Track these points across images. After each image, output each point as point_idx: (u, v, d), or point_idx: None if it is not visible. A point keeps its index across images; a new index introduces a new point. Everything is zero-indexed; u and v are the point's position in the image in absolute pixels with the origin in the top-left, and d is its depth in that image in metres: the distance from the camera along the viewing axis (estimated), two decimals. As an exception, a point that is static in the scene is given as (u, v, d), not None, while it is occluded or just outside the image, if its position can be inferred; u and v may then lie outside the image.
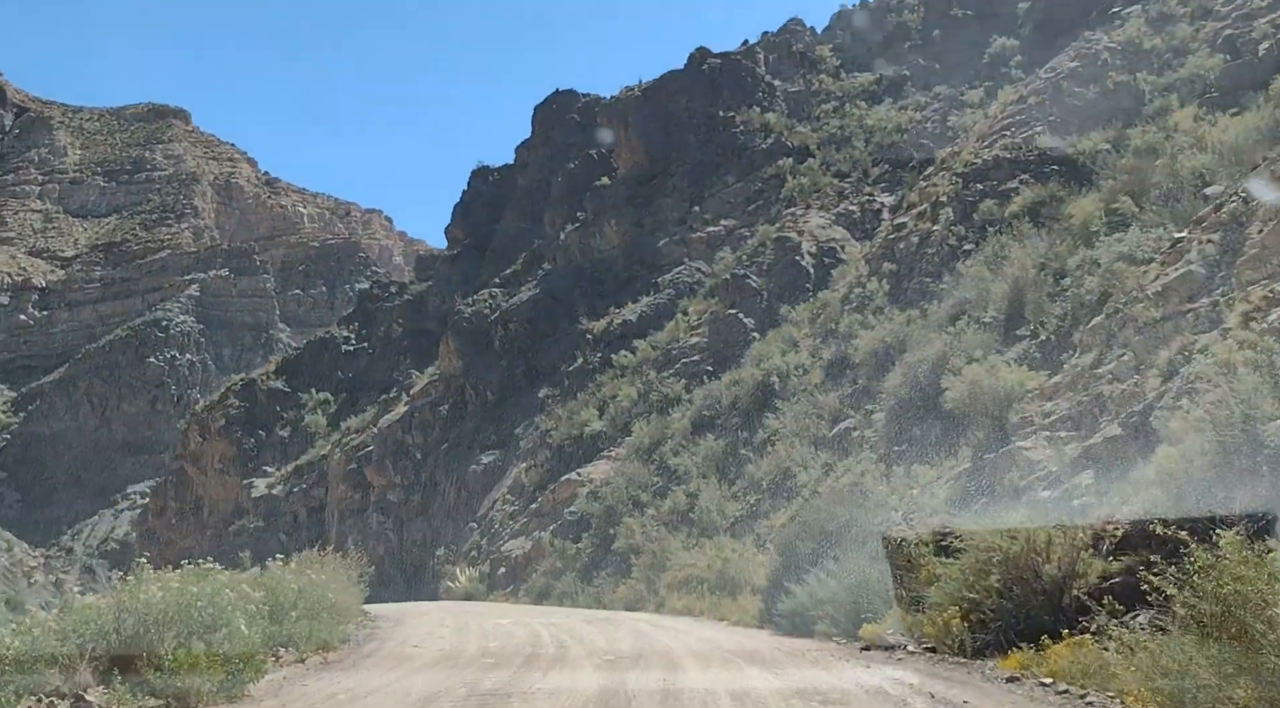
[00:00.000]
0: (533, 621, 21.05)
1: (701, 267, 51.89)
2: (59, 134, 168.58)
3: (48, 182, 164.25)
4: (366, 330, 70.31)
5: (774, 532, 24.13)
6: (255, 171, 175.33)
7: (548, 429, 45.63)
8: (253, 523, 61.51)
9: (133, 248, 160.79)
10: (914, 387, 22.75)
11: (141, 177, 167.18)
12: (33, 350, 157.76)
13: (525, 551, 38.87)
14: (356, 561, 28.49)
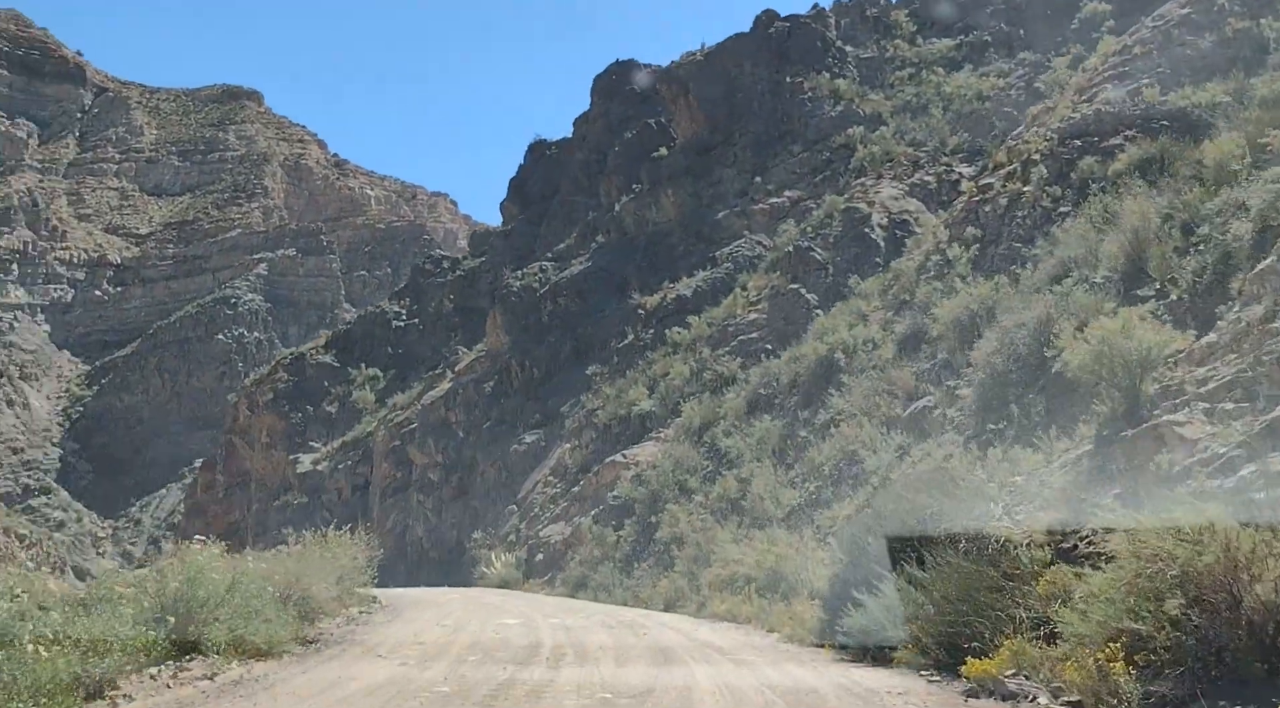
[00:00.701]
0: (545, 622, 17.46)
1: (762, 240, 47.88)
2: (136, 114, 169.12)
3: (124, 160, 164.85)
4: (417, 306, 67.37)
5: (837, 525, 20.21)
6: (324, 153, 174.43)
7: (594, 408, 42.06)
8: (297, 499, 58.98)
9: (204, 226, 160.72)
10: (1011, 356, 18.64)
11: (214, 157, 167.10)
12: (107, 325, 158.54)
13: (564, 537, 35.37)
14: (366, 543, 25.31)
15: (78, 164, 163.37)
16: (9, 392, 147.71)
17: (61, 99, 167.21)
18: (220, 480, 65.77)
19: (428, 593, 30.59)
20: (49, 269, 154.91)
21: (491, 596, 28.79)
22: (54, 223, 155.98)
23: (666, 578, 25.39)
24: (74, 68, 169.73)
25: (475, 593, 30.65)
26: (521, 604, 23.58)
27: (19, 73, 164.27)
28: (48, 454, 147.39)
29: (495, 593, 30.75)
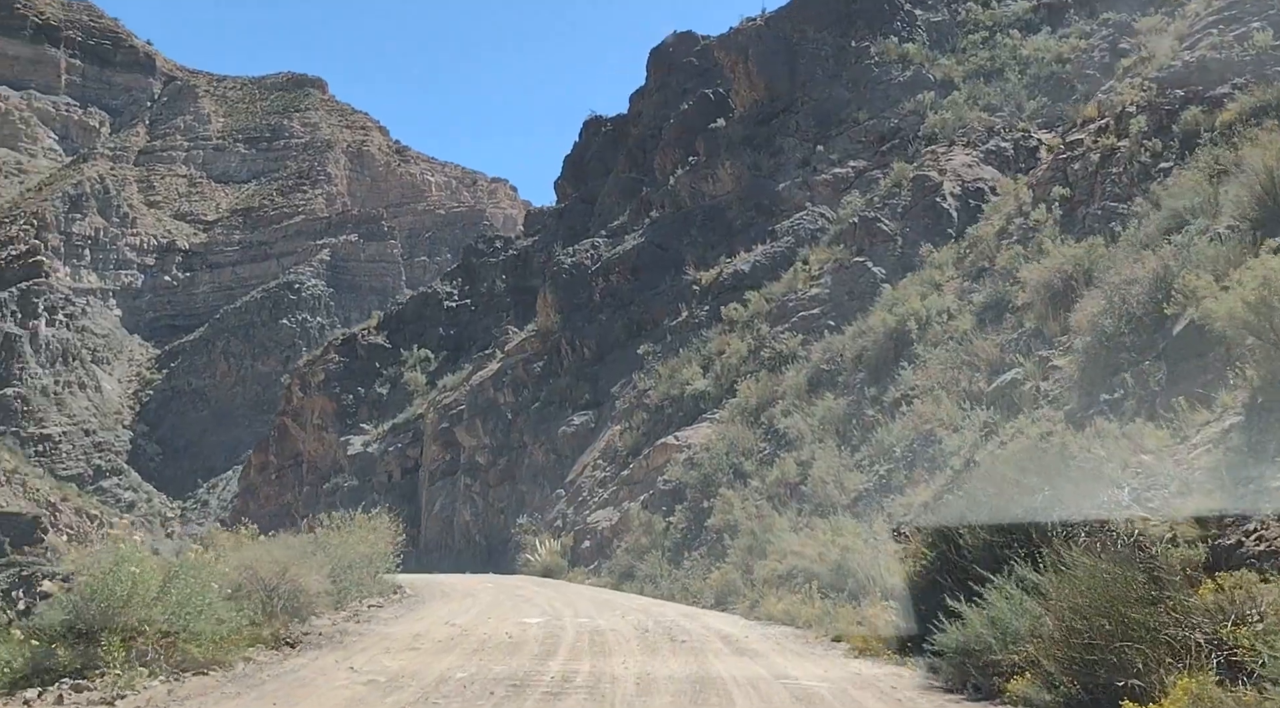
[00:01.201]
0: (572, 623, 14.95)
1: (825, 212, 44.80)
2: (204, 102, 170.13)
3: (193, 148, 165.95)
4: (470, 287, 65.34)
5: (912, 512, 17.40)
6: (386, 140, 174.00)
7: (646, 388, 39.48)
8: (347, 481, 57.37)
9: (269, 213, 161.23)
10: (1123, 316, 15.65)
11: (279, 144, 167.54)
12: (176, 310, 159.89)
13: (612, 523, 32.88)
14: (392, 528, 23.12)
15: (148, 152, 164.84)
16: (81, 375, 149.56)
17: (132, 88, 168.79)
18: (273, 462, 64.52)
19: (463, 582, 28.36)
20: (120, 255, 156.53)
21: (529, 586, 26.41)
22: (125, 210, 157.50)
23: (718, 569, 22.79)
24: (144, 57, 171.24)
25: (513, 583, 28.32)
26: (556, 597, 21.13)
27: (91, 62, 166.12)
28: (119, 436, 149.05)
29: (534, 583, 28.39)
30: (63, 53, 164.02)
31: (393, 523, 24.49)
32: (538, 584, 27.24)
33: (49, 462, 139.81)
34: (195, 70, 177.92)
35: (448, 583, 26.97)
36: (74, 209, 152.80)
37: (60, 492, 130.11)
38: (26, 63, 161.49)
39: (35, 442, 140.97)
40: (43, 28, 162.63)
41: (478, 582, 28.16)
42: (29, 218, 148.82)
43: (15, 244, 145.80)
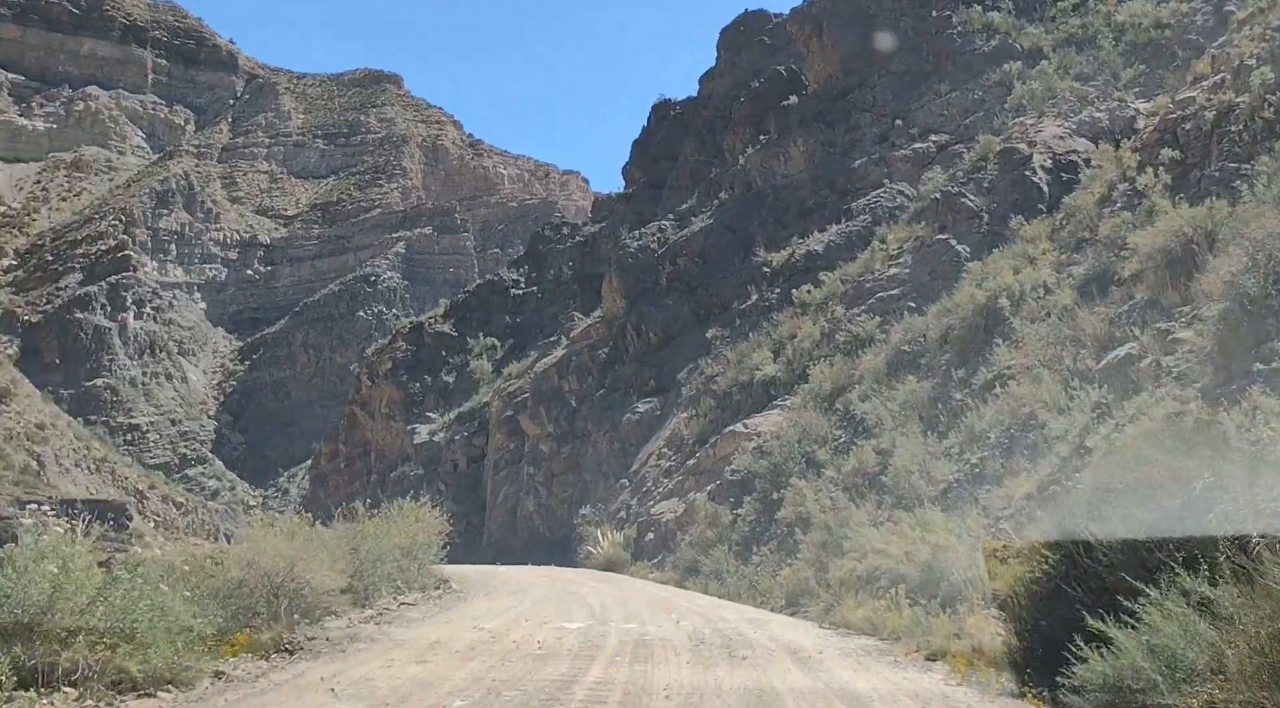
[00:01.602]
0: (617, 629, 12.91)
1: (904, 189, 42.08)
2: (284, 99, 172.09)
3: (274, 144, 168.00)
4: (536, 274, 63.79)
5: (1013, 505, 15.03)
6: (460, 134, 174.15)
7: (714, 374, 37.32)
8: (413, 470, 56.26)
9: (347, 207, 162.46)
10: (1270, 276, 13.08)
11: (357, 139, 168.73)
12: (258, 303, 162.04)
13: (676, 515, 30.82)
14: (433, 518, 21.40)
15: (230, 148, 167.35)
16: (168, 367, 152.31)
17: (215, 86, 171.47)
18: (342, 451, 63.82)
19: (517, 575, 26.57)
20: (205, 249, 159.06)
21: (585, 581, 24.48)
22: (209, 205, 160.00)
23: (789, 566, 20.58)
24: (227, 56, 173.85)
25: (570, 577, 26.44)
26: (610, 595, 19.14)
27: (177, 62, 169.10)
28: (204, 426, 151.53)
29: (593, 578, 26.47)
30: (149, 53, 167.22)
31: (436, 512, 22.78)
32: (596, 579, 25.32)
33: (137, 450, 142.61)
34: (276, 68, 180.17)
35: (501, 576, 25.23)
36: (160, 205, 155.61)
37: (148, 480, 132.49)
38: (115, 63, 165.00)
39: (124, 431, 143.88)
40: (130, 29, 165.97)
41: (533, 575, 26.38)
42: (118, 214, 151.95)
43: (105, 239, 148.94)
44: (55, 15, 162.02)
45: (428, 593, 17.82)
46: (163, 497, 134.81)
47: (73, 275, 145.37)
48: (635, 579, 26.78)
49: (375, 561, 15.53)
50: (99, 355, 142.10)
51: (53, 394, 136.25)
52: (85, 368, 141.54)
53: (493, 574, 25.71)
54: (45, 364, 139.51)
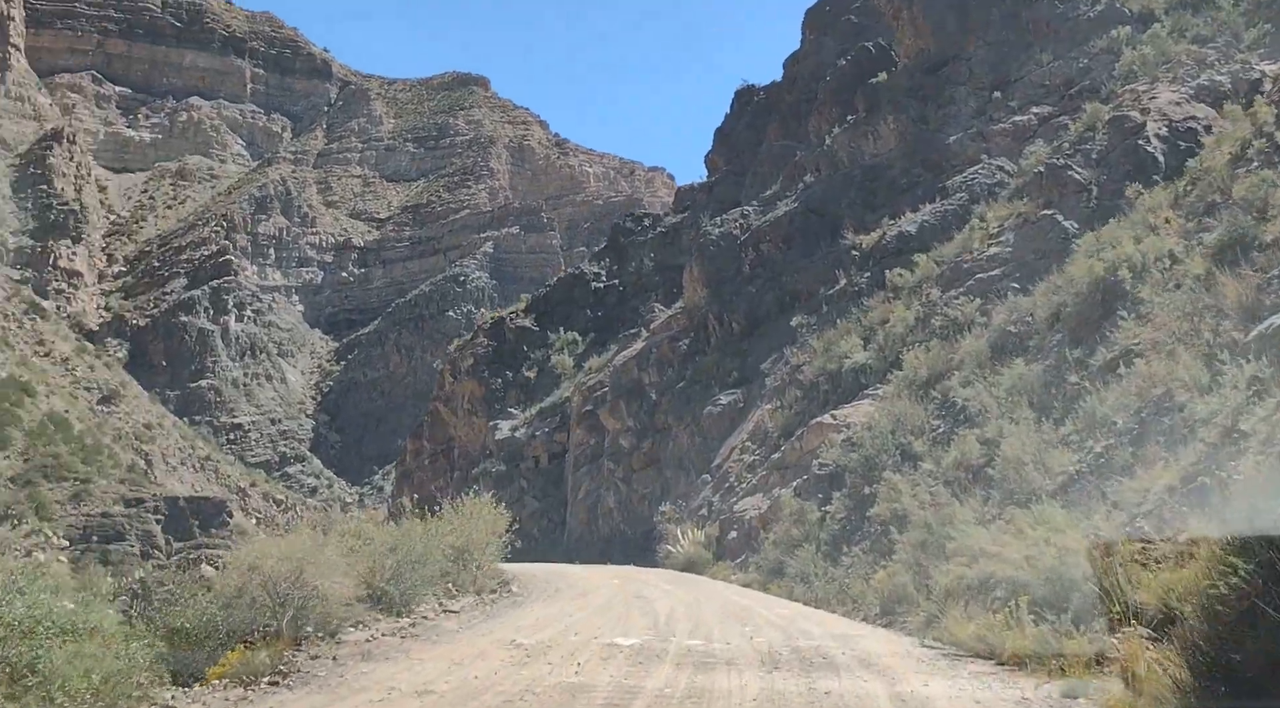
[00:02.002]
0: (680, 645, 10.86)
1: (1004, 164, 39.05)
2: (376, 105, 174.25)
3: (366, 149, 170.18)
4: (618, 267, 62.05)
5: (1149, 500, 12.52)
6: (546, 133, 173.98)
7: (799, 364, 34.96)
8: (495, 467, 55.03)
9: (436, 209, 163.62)
10: None
11: (445, 142, 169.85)
12: (352, 304, 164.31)
13: (760, 512, 28.60)
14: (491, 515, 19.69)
15: (325, 154, 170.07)
16: (268, 367, 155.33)
17: (310, 94, 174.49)
18: (426, 448, 63.05)
19: (589, 576, 24.73)
20: (301, 253, 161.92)
21: (659, 583, 22.47)
22: (305, 210, 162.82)
23: (883, 569, 18.28)
24: (321, 64, 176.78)
25: (645, 578, 24.48)
26: (682, 601, 17.11)
27: (273, 71, 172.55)
28: (302, 425, 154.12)
29: (668, 579, 24.46)
30: (248, 63, 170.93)
31: (500, 508, 21.07)
32: (670, 581, 23.30)
33: (239, 449, 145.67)
34: (368, 74, 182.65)
35: (570, 578, 23.44)
36: (259, 210, 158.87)
37: (249, 478, 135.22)
38: (215, 74, 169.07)
39: (227, 431, 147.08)
40: (229, 40, 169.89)
41: (604, 576, 24.52)
42: (219, 220, 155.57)
43: (207, 245, 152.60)
44: (159, 29, 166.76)
45: (482, 597, 16.10)
46: (264, 494, 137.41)
47: (178, 280, 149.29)
48: (714, 581, 24.69)
49: (415, 563, 13.78)
50: (203, 357, 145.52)
51: (160, 395, 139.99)
52: (190, 369, 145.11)
53: (561, 575, 23.96)
54: (153, 366, 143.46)
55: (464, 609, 14.00)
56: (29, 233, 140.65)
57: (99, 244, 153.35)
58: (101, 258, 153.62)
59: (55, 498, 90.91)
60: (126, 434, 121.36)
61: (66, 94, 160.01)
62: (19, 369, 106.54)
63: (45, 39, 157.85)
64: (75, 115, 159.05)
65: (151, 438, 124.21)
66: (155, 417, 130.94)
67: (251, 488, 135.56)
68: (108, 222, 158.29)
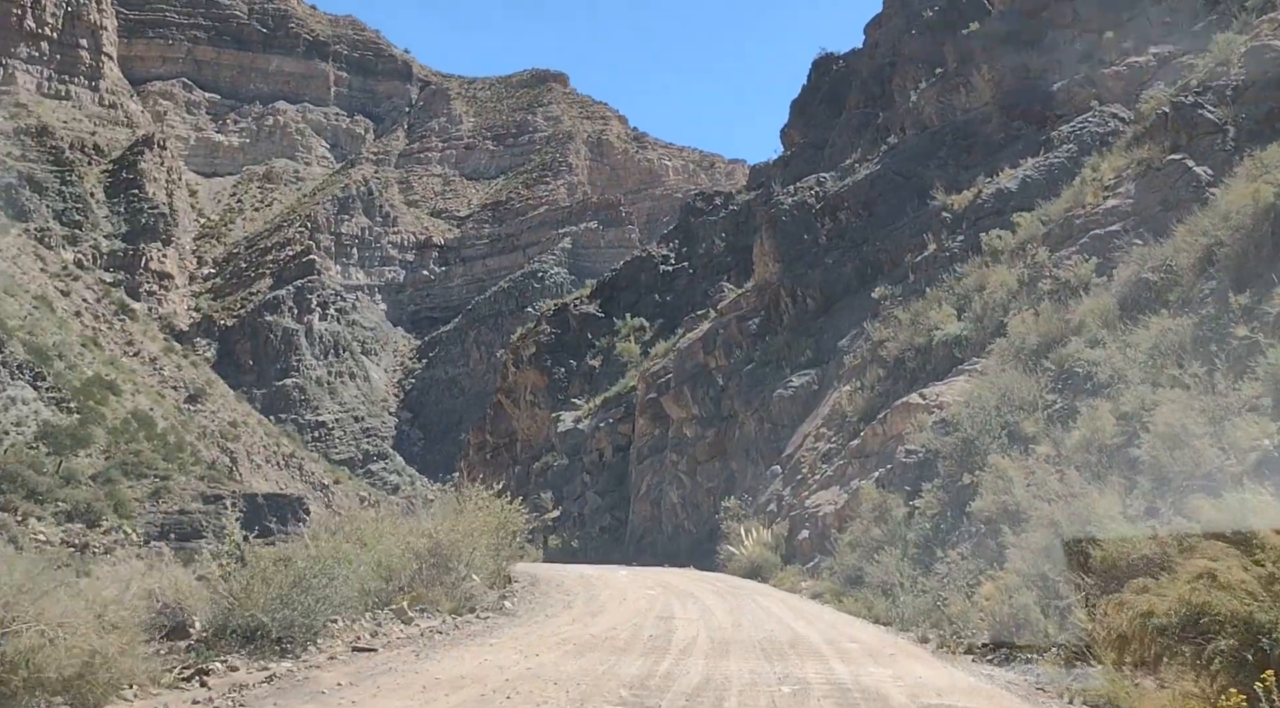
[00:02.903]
0: None
1: (1118, 111, 33.65)
2: (455, 104, 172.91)
3: (446, 148, 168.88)
4: (687, 249, 57.67)
5: None
6: (625, 128, 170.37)
7: (882, 339, 30.18)
8: (557, 460, 51.24)
9: (515, 206, 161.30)
10: None
11: (524, 139, 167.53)
12: (434, 303, 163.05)
13: (836, 507, 24.02)
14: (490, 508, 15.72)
15: (406, 154, 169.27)
16: (352, 366, 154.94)
17: (392, 95, 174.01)
18: (489, 441, 59.61)
19: (621, 583, 20.51)
20: (383, 252, 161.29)
21: (701, 595, 18.11)
22: (387, 209, 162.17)
23: (991, 580, 13.71)
24: (402, 65, 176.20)
25: (689, 588, 20.13)
26: (718, 624, 12.80)
27: (356, 73, 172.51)
28: (385, 423, 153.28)
29: (720, 588, 20.08)
30: (331, 66, 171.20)
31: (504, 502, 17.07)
32: (720, 592, 18.93)
33: (324, 447, 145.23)
34: (448, 74, 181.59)
35: (603, 585, 19.32)
36: (342, 211, 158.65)
37: (333, 475, 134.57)
38: (300, 78, 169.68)
39: (312, 428, 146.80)
40: (314, 44, 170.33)
41: (645, 584, 20.32)
42: (303, 221, 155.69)
43: (292, 245, 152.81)
44: (246, 35, 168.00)
45: (453, 619, 12.07)
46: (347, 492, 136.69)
47: (264, 281, 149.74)
48: (777, 591, 20.26)
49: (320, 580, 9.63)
50: (288, 356, 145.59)
51: (246, 394, 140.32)
52: (276, 368, 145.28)
53: (592, 583, 19.86)
54: (240, 365, 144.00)
55: (389, 645, 9.87)
56: (121, 237, 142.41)
57: (190, 247, 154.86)
58: (192, 260, 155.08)
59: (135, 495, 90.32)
60: (212, 432, 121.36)
61: (158, 101, 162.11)
62: (106, 369, 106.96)
63: (138, 48, 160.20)
64: (167, 122, 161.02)
65: (236, 436, 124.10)
66: (241, 415, 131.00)
67: (335, 485, 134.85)
68: (198, 225, 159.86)
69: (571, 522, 46.92)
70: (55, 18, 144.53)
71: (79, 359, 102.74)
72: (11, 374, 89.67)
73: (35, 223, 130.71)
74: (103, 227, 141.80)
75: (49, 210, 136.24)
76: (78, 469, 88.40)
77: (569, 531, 45.70)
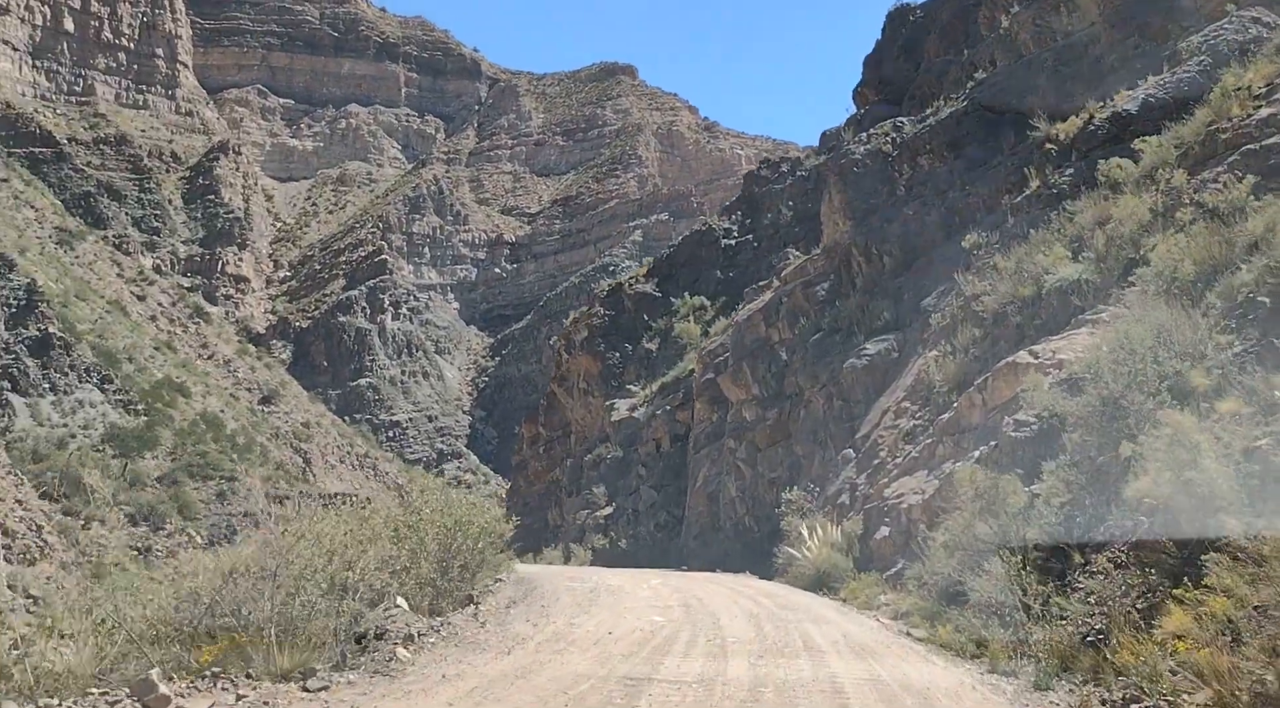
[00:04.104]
0: None
1: (1260, 15, 27.23)
2: (525, 101, 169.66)
3: (516, 145, 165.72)
4: (751, 220, 52.15)
5: None
6: (695, 118, 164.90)
7: (977, 293, 24.44)
8: (610, 452, 46.31)
9: (586, 200, 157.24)
10: None
11: (594, 133, 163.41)
12: (505, 300, 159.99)
13: (924, 497, 18.47)
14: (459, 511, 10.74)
15: (476, 153, 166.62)
16: (425, 365, 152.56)
17: (461, 94, 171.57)
18: (542, 434, 54.98)
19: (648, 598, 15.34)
20: (455, 251, 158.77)
21: (730, 621, 12.84)
22: (458, 208, 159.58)
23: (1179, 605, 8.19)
24: (471, 63, 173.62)
25: (722, 608, 14.86)
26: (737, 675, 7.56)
27: (426, 73, 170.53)
28: (459, 422, 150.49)
29: (768, 608, 14.78)
30: (401, 67, 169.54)
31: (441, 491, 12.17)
32: (758, 617, 13.60)
33: (398, 446, 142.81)
34: (516, 71, 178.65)
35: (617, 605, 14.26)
36: (414, 211, 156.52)
37: (407, 474, 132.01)
38: (372, 80, 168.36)
39: (386, 428, 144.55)
40: (384, 47, 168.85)
41: (667, 601, 15.20)
42: (375, 222, 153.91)
43: (364, 246, 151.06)
44: (318, 40, 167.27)
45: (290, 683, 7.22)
46: (420, 490, 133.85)
47: (337, 282, 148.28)
48: (846, 613, 14.90)
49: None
50: (361, 356, 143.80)
51: (321, 395, 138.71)
52: (350, 369, 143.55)
53: (594, 599, 14.85)
54: (315, 366, 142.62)
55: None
56: (198, 242, 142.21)
57: (266, 251, 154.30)
58: (268, 264, 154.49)
59: (200, 497, 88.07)
60: (285, 433, 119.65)
61: (234, 108, 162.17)
62: (177, 371, 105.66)
63: (213, 56, 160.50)
64: (243, 128, 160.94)
65: (310, 437, 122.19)
66: (314, 415, 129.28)
67: (409, 485, 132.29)
68: (274, 229, 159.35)
69: (625, 519, 41.90)
70: (131, 28, 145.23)
71: (149, 362, 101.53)
72: (80, 377, 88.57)
73: (114, 230, 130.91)
74: (180, 232, 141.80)
75: (128, 217, 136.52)
76: (143, 472, 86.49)
77: (621, 529, 40.69)
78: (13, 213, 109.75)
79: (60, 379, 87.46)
